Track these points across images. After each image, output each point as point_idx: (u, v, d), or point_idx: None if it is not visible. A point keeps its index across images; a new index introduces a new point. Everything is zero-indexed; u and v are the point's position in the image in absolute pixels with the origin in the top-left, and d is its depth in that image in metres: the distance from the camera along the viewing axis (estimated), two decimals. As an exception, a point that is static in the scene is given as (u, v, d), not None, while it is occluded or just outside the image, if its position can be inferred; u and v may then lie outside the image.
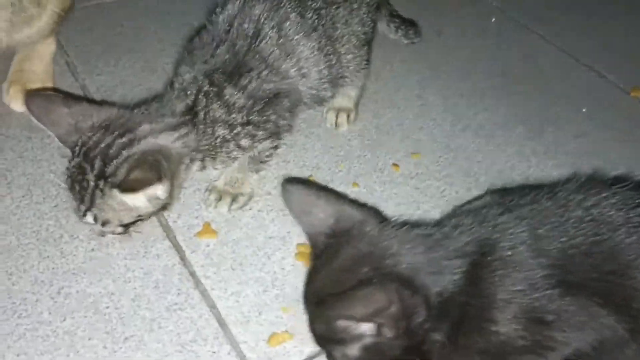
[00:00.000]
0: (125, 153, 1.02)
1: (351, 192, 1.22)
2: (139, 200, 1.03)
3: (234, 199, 1.16)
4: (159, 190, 1.02)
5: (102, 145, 1.03)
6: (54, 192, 1.17)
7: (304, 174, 1.26)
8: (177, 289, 1.05)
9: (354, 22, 1.22)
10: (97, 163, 1.02)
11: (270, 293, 1.05)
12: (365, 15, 1.24)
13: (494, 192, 1.06)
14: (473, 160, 1.31)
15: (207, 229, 1.14)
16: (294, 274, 1.08)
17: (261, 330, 1.00)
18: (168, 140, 1.04)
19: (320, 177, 1.25)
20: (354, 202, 0.97)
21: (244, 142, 1.10)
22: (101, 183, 1.02)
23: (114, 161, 1.01)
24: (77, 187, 1.04)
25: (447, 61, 1.57)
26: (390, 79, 1.49)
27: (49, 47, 1.39)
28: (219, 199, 1.16)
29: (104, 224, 1.05)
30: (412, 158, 1.30)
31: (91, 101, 1.25)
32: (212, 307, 1.03)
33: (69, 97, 1.12)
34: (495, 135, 1.37)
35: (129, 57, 1.49)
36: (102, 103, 1.18)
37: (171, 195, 1.07)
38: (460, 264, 0.79)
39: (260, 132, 1.11)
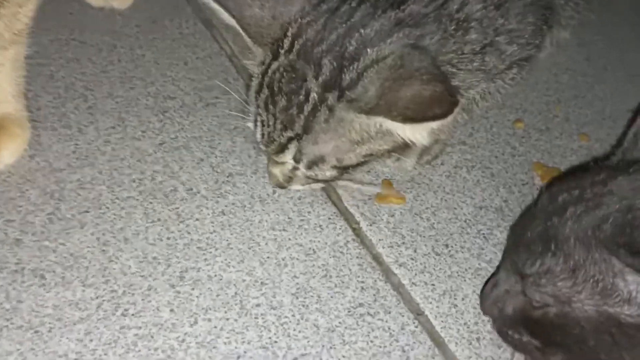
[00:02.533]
0: (370, 54, 0.63)
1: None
2: (417, 134, 0.63)
3: (425, 147, 0.78)
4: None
5: (332, 35, 0.64)
6: (156, 123, 0.79)
7: (510, 117, 0.88)
8: (359, 281, 0.68)
9: None
10: (327, 65, 0.64)
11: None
12: None
13: None
14: None
15: (390, 189, 0.77)
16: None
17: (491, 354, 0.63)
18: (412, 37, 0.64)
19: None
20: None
21: (490, 59, 0.71)
22: (331, 98, 0.63)
23: (356, 64, 0.63)
24: (283, 102, 0.66)
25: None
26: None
27: None
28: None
29: (311, 165, 0.67)
30: None
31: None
32: (418, 313, 0.67)
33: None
34: None
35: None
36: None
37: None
38: None
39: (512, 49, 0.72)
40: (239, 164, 0.77)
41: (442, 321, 0.66)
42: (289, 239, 0.71)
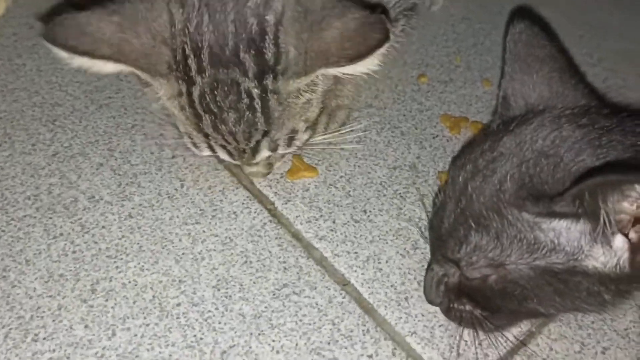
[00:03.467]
0: (270, 19, 0.59)
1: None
2: (369, 65, 0.60)
3: (331, 115, 0.77)
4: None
5: (229, 27, 0.59)
6: (47, 134, 0.74)
7: (413, 74, 0.87)
8: (280, 261, 0.66)
9: None
10: (246, 57, 0.59)
11: (423, 252, 0.68)
12: None
13: None
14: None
15: (301, 164, 0.75)
16: (448, 217, 0.71)
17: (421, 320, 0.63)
18: None
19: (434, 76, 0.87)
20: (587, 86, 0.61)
21: None
22: (269, 82, 0.60)
23: (266, 37, 0.59)
24: (233, 115, 0.61)
25: None
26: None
27: None
28: (309, 118, 0.76)
29: (289, 142, 0.65)
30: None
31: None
32: (344, 284, 0.66)
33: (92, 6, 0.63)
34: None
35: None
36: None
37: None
38: None
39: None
40: (141, 163, 0.73)
41: (368, 287, 0.65)
42: (204, 232, 0.68)
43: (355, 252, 0.68)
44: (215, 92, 0.60)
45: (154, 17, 0.60)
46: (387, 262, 0.67)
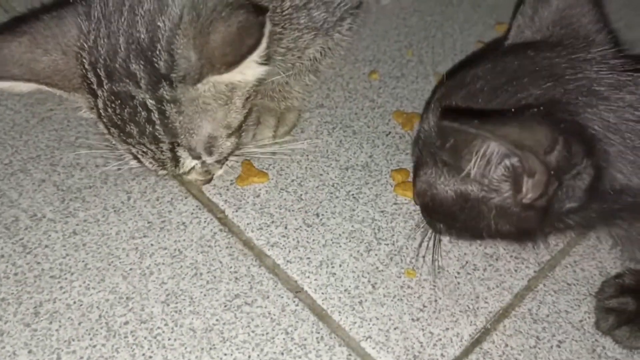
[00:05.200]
0: (162, 24, 0.57)
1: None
2: (245, 73, 0.58)
3: (280, 118, 0.75)
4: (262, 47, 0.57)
5: (120, 38, 0.58)
6: (-15, 152, 0.72)
7: (364, 71, 0.86)
8: (232, 271, 0.65)
9: None
10: (137, 68, 0.58)
11: (377, 253, 0.67)
12: None
13: None
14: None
15: (250, 170, 0.73)
16: (402, 217, 0.70)
17: (377, 328, 0.62)
18: None
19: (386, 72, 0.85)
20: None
21: (317, 13, 0.67)
22: (164, 92, 0.58)
23: (158, 45, 0.57)
24: (134, 128, 0.60)
25: None
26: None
27: None
28: (256, 122, 0.75)
29: (210, 150, 0.62)
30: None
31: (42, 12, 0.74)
32: (297, 291, 0.64)
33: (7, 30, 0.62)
34: None
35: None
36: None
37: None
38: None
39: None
40: (85, 177, 0.71)
41: (322, 293, 0.64)
42: (152, 245, 0.66)
43: (308, 258, 0.67)
44: (114, 105, 0.59)
45: (64, 32, 0.59)
46: (340, 266, 0.66)
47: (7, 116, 0.76)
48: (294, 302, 0.63)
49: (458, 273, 0.66)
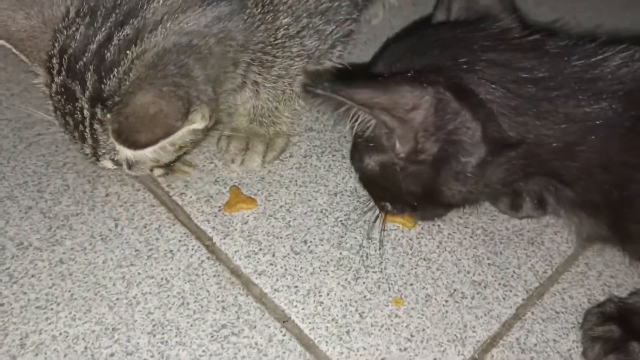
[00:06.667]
0: (130, 55, 0.60)
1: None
2: (154, 151, 0.60)
3: (269, 144, 0.75)
4: (196, 123, 0.59)
5: (93, 45, 0.61)
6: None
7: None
8: (219, 300, 0.65)
9: None
10: (90, 77, 0.61)
11: (364, 281, 0.67)
12: None
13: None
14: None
15: (238, 196, 0.73)
16: (390, 244, 0.70)
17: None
18: (199, 24, 0.61)
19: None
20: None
21: (310, 42, 0.68)
22: (99, 112, 0.61)
23: (115, 70, 0.60)
24: (70, 122, 0.64)
25: None
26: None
27: None
28: (245, 148, 0.75)
29: (130, 166, 0.65)
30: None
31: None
32: (284, 320, 0.64)
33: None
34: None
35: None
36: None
37: (217, 118, 0.66)
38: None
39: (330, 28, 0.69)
40: (73, 204, 0.71)
41: (309, 323, 0.64)
42: (139, 274, 0.66)
43: (296, 286, 0.66)
44: (61, 97, 0.63)
45: (51, 5, 0.62)
46: (328, 294, 0.66)
47: (-6, 141, 0.76)
48: (281, 332, 0.63)
49: (446, 301, 0.66)
